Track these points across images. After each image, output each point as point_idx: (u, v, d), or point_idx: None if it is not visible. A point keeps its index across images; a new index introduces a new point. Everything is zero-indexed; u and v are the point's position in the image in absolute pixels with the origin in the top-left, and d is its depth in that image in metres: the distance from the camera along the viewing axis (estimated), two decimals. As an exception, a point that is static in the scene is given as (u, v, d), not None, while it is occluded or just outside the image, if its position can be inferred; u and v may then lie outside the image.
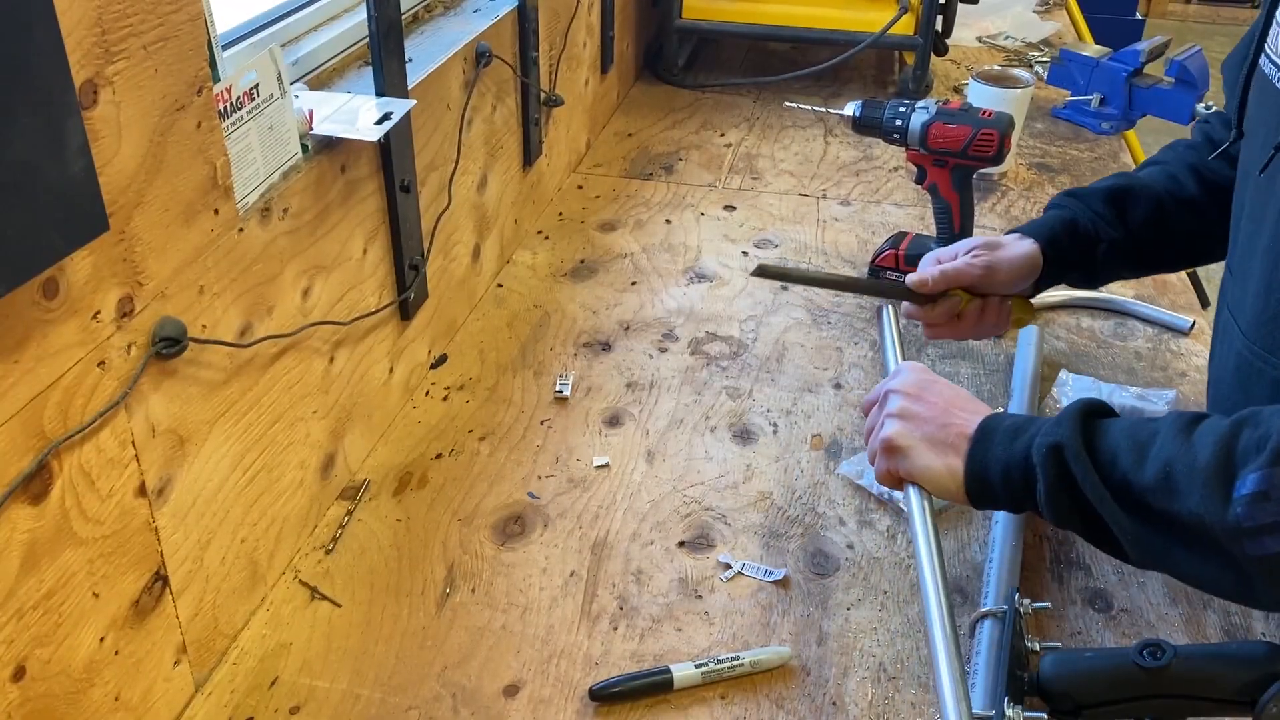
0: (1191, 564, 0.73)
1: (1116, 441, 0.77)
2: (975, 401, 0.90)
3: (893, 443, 0.89)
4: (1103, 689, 0.75)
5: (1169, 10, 6.49)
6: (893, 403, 0.91)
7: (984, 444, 0.85)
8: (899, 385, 0.92)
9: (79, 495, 0.74)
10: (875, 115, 1.43)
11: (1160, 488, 0.73)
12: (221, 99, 0.84)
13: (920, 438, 0.88)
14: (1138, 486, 0.74)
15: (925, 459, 0.88)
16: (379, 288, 1.17)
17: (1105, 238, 1.13)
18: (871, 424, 0.94)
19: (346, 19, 1.22)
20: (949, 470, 0.86)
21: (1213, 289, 1.11)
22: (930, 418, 0.88)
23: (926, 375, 0.93)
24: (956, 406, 0.89)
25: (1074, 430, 0.78)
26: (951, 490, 0.87)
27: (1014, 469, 0.82)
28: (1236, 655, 0.74)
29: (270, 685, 0.92)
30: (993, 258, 1.11)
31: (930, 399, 0.90)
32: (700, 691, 0.92)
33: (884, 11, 2.10)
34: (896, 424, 0.90)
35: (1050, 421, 0.81)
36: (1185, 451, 0.72)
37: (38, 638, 0.72)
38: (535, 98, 1.57)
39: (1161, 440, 0.74)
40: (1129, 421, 0.79)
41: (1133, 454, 0.75)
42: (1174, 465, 0.72)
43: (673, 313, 1.45)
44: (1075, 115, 2.05)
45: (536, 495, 1.13)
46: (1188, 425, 0.74)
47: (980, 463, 0.84)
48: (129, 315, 0.76)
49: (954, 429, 0.87)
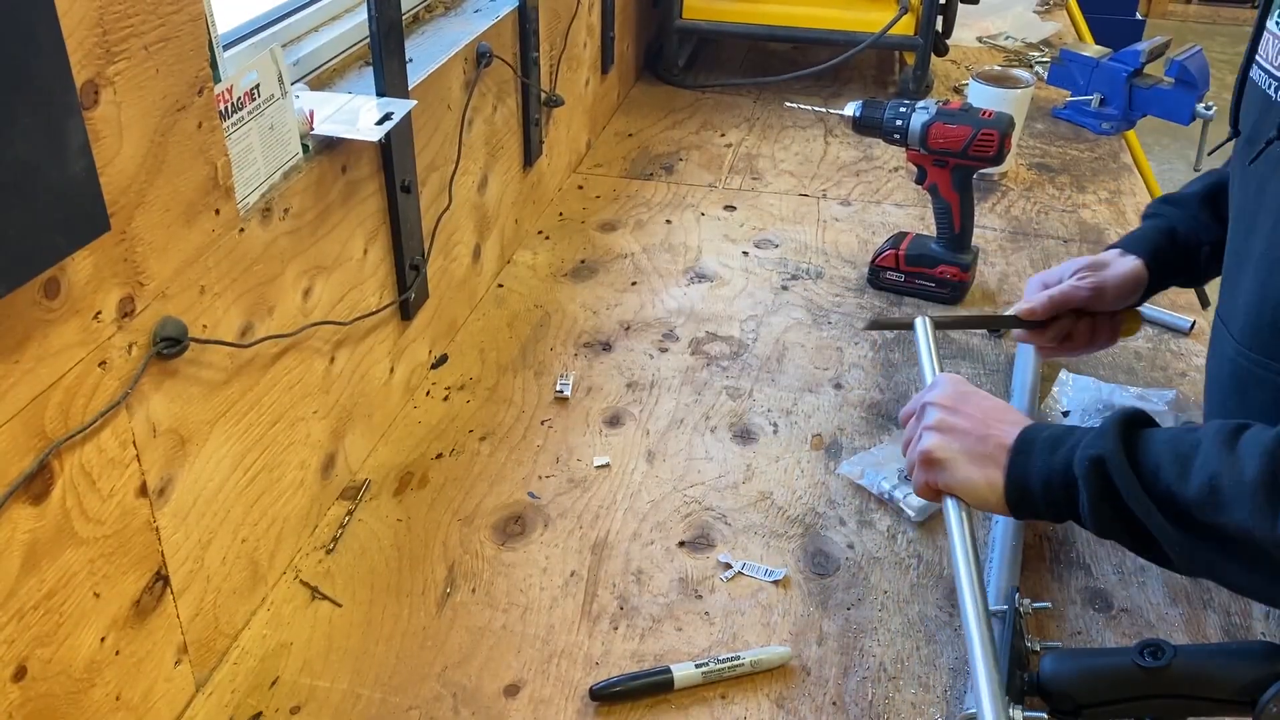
0: (1240, 574, 0.73)
1: (1159, 453, 0.76)
2: (1014, 412, 0.89)
3: (931, 455, 0.89)
4: (1103, 689, 0.76)
5: (1169, 10, 6.49)
6: (930, 415, 0.91)
7: (1024, 455, 0.84)
8: (936, 398, 0.92)
9: (80, 495, 0.74)
10: (875, 115, 1.44)
11: (1206, 501, 0.72)
12: (222, 99, 0.84)
13: (959, 450, 0.88)
14: (1182, 499, 0.74)
15: (965, 471, 0.87)
16: (380, 288, 1.17)
17: (1206, 240, 1.11)
18: (909, 436, 0.93)
19: (347, 19, 1.22)
20: (988, 482, 0.86)
21: (1214, 289, 1.11)
22: (969, 430, 0.88)
23: (964, 387, 0.93)
24: (995, 418, 0.88)
25: (1116, 442, 0.77)
26: (991, 502, 0.86)
27: (1055, 481, 0.81)
28: (1236, 655, 0.74)
29: (271, 685, 0.92)
30: (1100, 279, 1.10)
31: (968, 410, 0.89)
32: (701, 691, 0.92)
33: (884, 12, 2.10)
34: (935, 437, 0.89)
35: (1092, 433, 0.80)
36: (1231, 465, 0.72)
37: (39, 638, 0.72)
38: (536, 98, 1.57)
39: (1204, 452, 0.74)
40: (1170, 432, 0.79)
41: (1176, 466, 0.75)
42: (1220, 478, 0.72)
43: (673, 313, 1.45)
44: (1075, 115, 2.05)
45: (537, 495, 1.13)
46: (1230, 437, 0.74)
47: (1021, 474, 0.84)
48: (130, 315, 0.76)
49: (993, 440, 0.86)
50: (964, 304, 1.46)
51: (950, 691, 0.92)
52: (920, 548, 1.07)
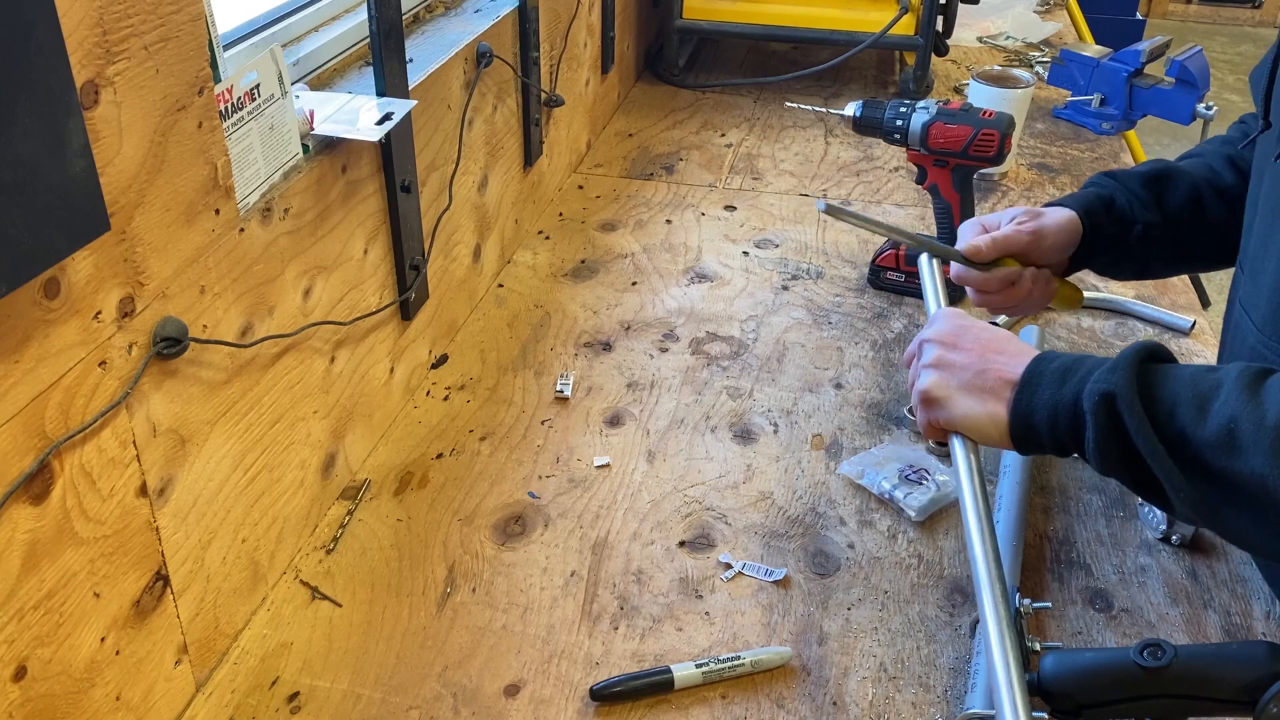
0: (1241, 523, 0.71)
1: (1177, 391, 0.74)
2: (1016, 342, 0.87)
3: (930, 394, 0.87)
4: (1103, 689, 0.75)
5: (1169, 10, 6.49)
6: (928, 353, 0.89)
7: (1031, 387, 0.81)
8: (933, 335, 0.90)
9: (80, 495, 0.74)
10: (876, 115, 1.44)
11: (1221, 444, 0.70)
12: (222, 99, 0.84)
13: (957, 386, 0.86)
14: (1196, 441, 0.71)
15: (964, 406, 0.85)
16: (380, 288, 1.17)
17: (1141, 220, 1.10)
18: (912, 378, 0.92)
19: (347, 19, 1.22)
20: (991, 417, 0.84)
21: (1214, 288, 1.12)
22: (967, 364, 0.86)
23: (963, 320, 0.91)
24: (994, 350, 0.86)
25: (1129, 378, 0.75)
26: (994, 437, 0.84)
27: (1062, 414, 0.79)
28: (1237, 655, 0.74)
29: (271, 685, 0.92)
30: (1039, 224, 1.09)
31: (966, 345, 0.87)
32: (701, 691, 0.92)
33: (884, 11, 2.10)
34: (933, 374, 0.88)
35: (1105, 365, 0.77)
36: (1254, 409, 0.69)
37: (39, 638, 0.72)
38: (536, 98, 1.57)
39: (1226, 394, 0.71)
40: (1190, 369, 0.76)
41: (1194, 406, 0.72)
42: (1239, 423, 0.69)
43: (673, 313, 1.45)
44: (1076, 115, 2.05)
45: (537, 495, 1.13)
46: (1255, 379, 0.71)
47: (1026, 407, 0.81)
48: (130, 315, 0.76)
49: (993, 373, 0.84)
50: (963, 305, 1.46)
51: (950, 691, 0.92)
52: (920, 548, 1.07)
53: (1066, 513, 1.11)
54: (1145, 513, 1.09)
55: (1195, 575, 1.03)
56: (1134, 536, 1.07)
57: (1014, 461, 1.13)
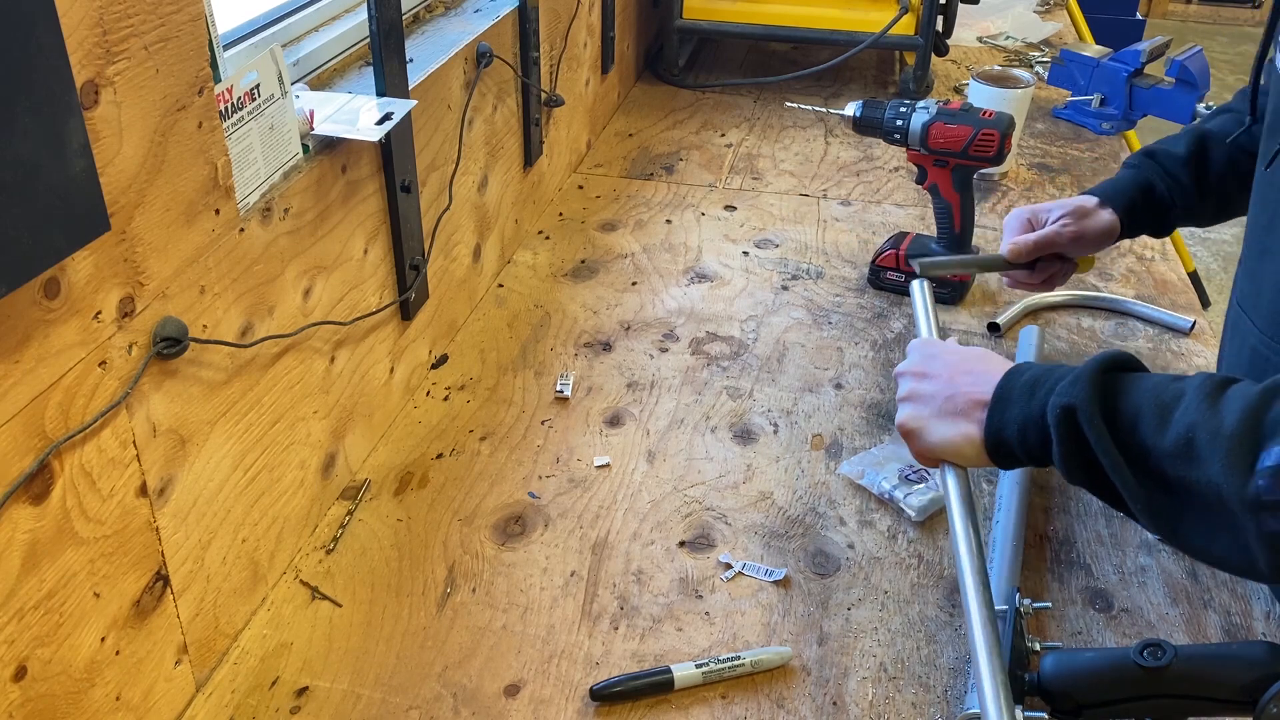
0: (1200, 535, 0.70)
1: (1139, 402, 0.74)
2: (986, 360, 0.87)
3: (906, 427, 0.88)
4: (1103, 689, 0.75)
5: (1169, 10, 6.49)
6: (902, 387, 0.90)
7: (1001, 405, 0.82)
8: (905, 367, 0.92)
9: (80, 495, 0.74)
10: (876, 115, 1.44)
11: (1180, 454, 0.69)
12: (223, 99, 0.84)
13: (929, 415, 0.87)
14: (1156, 451, 0.71)
15: (939, 433, 0.86)
16: (380, 288, 1.17)
17: (1180, 203, 1.17)
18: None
19: (347, 19, 1.22)
20: (966, 438, 0.84)
21: (1214, 288, 1.12)
22: (935, 392, 0.87)
23: (931, 348, 0.92)
24: (962, 372, 0.86)
25: (1090, 391, 0.75)
26: (972, 457, 0.85)
27: (1030, 428, 0.79)
28: (1237, 655, 0.74)
29: (271, 685, 0.92)
30: (1081, 228, 1.17)
31: (935, 373, 0.88)
32: (701, 691, 0.92)
33: (884, 11, 2.10)
34: (907, 407, 0.89)
35: (1069, 376, 0.78)
36: (1211, 417, 0.69)
37: (39, 638, 0.72)
38: (536, 98, 1.57)
39: (1186, 403, 0.71)
40: (1153, 379, 0.76)
41: (1155, 416, 0.72)
42: (1196, 431, 0.69)
43: (673, 313, 1.45)
44: (1076, 115, 2.05)
45: (537, 495, 1.13)
46: (1215, 389, 0.71)
47: (998, 424, 0.82)
48: (130, 315, 0.76)
49: (962, 397, 0.85)
50: (964, 304, 1.46)
51: (950, 691, 0.92)
52: (920, 548, 1.07)
53: (1066, 513, 1.11)
54: (1145, 513, 1.09)
55: (1195, 575, 1.03)
56: (1134, 536, 1.07)
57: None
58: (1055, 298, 1.45)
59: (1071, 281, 1.49)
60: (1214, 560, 0.72)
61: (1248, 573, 0.71)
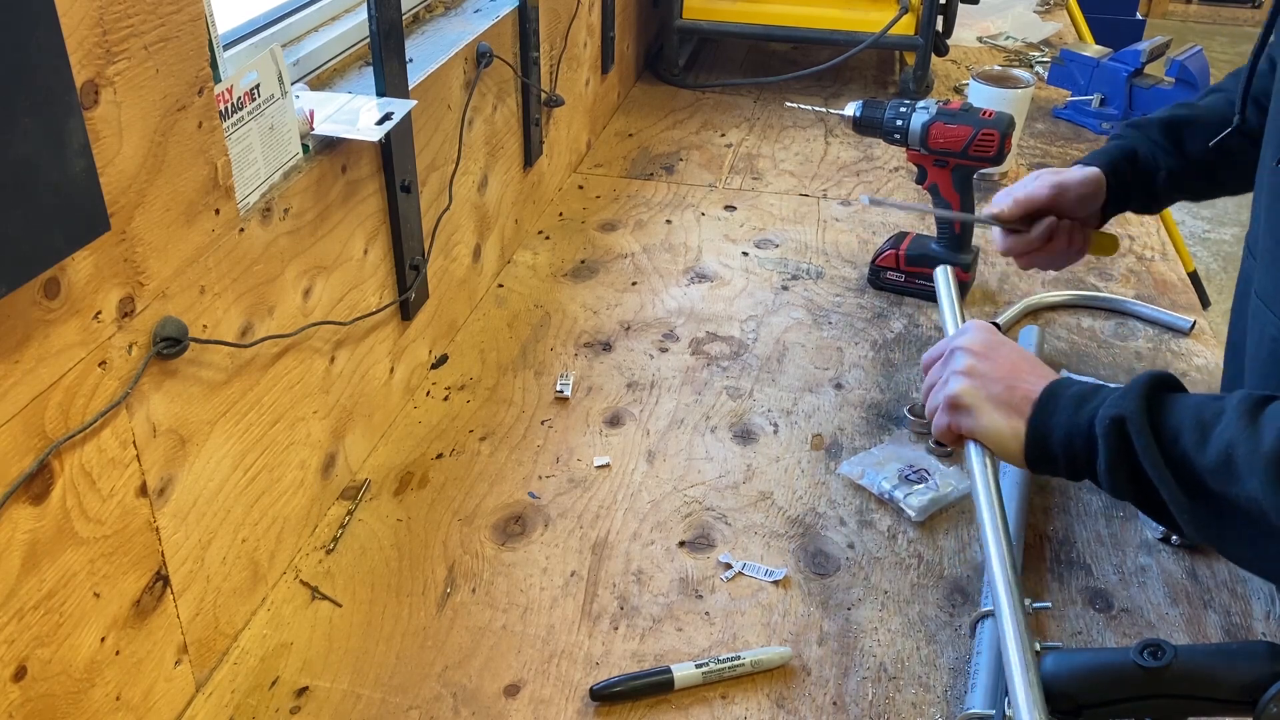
0: (1243, 546, 0.73)
1: (1181, 419, 0.76)
2: (1043, 366, 0.90)
3: (959, 400, 0.89)
4: (1103, 689, 0.75)
5: (1169, 10, 6.49)
6: (960, 360, 0.91)
7: (1048, 409, 0.84)
8: (967, 343, 0.92)
9: (80, 495, 0.74)
10: (876, 115, 1.43)
11: (1220, 470, 0.72)
12: (223, 99, 0.84)
13: (986, 397, 0.88)
14: (1197, 466, 0.74)
15: (990, 419, 0.87)
16: (380, 288, 1.17)
17: (1164, 166, 1.15)
18: (933, 380, 0.94)
19: (347, 19, 1.22)
20: (1013, 431, 0.86)
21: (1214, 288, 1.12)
22: (998, 378, 0.88)
23: (995, 335, 0.93)
24: (1024, 370, 0.88)
25: (1139, 403, 0.77)
26: (1012, 452, 0.87)
27: (1076, 438, 0.81)
28: (1237, 655, 0.74)
29: (271, 685, 0.92)
30: (1059, 179, 1.15)
31: (998, 359, 0.89)
32: (701, 691, 0.92)
33: (884, 11, 2.10)
34: (964, 381, 0.89)
35: (1117, 392, 0.80)
36: (1249, 435, 0.71)
37: (39, 638, 0.72)
38: (536, 98, 1.57)
39: (1226, 421, 0.73)
40: (1196, 398, 0.78)
41: (1196, 433, 0.74)
42: (1235, 448, 0.71)
43: (673, 313, 1.45)
44: (1076, 115, 2.05)
45: (537, 495, 1.13)
46: (1255, 407, 0.73)
47: (1043, 428, 0.84)
48: (130, 315, 0.76)
49: (1020, 391, 0.87)
50: (964, 304, 1.46)
51: (950, 691, 0.92)
52: (920, 548, 1.07)
53: (1066, 513, 1.11)
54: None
55: (1195, 575, 1.03)
56: (1134, 536, 1.07)
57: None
58: (1055, 297, 1.45)
59: (1072, 282, 1.49)
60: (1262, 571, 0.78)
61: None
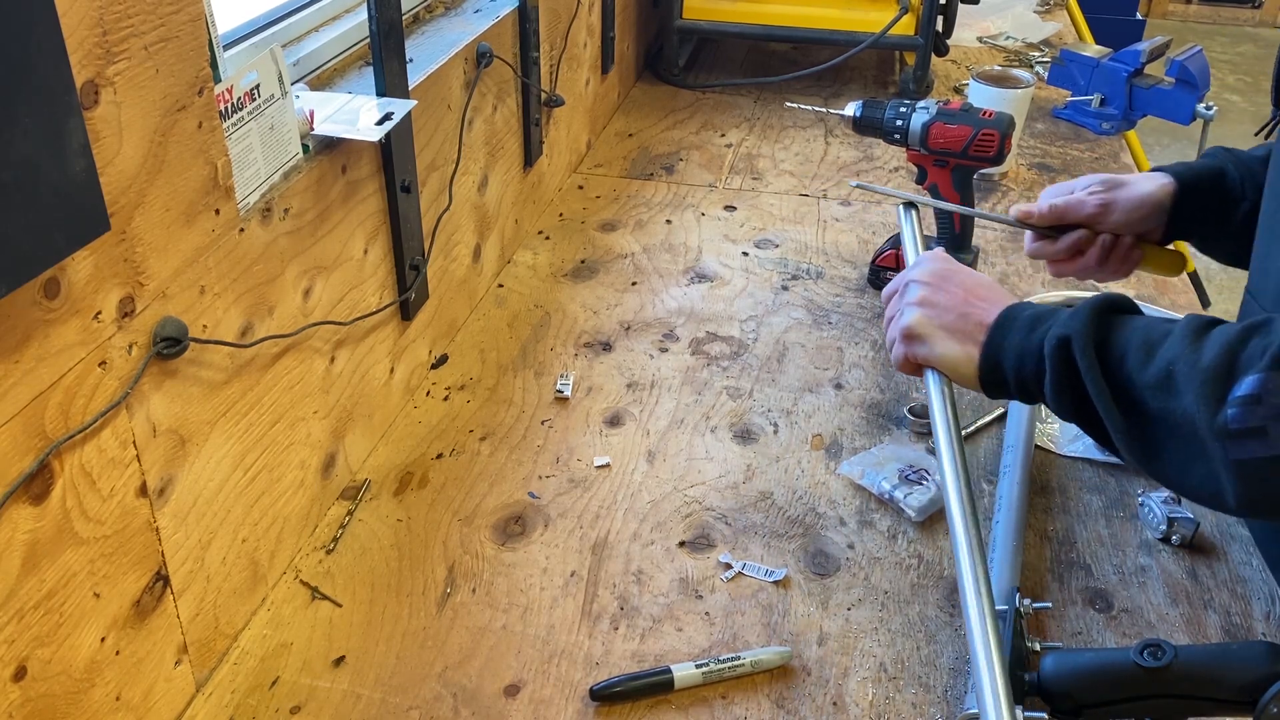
0: (1176, 466, 0.73)
1: (1129, 339, 0.77)
2: (997, 289, 0.90)
3: (912, 330, 0.90)
4: (1103, 689, 0.76)
5: (1169, 10, 6.49)
6: (913, 292, 0.92)
7: (1002, 332, 0.85)
8: (919, 275, 0.93)
9: (80, 495, 0.74)
10: (876, 115, 1.43)
11: (1160, 385, 0.73)
12: (223, 99, 0.84)
13: (939, 325, 0.89)
14: (1139, 384, 0.75)
15: (944, 346, 0.88)
16: (380, 288, 1.17)
17: (1250, 198, 1.03)
18: (891, 313, 0.95)
19: (347, 19, 1.22)
20: (967, 357, 0.87)
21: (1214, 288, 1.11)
22: (950, 306, 0.89)
23: (948, 264, 0.94)
24: (977, 296, 0.89)
25: (1086, 323, 0.78)
26: (967, 377, 0.88)
27: (1027, 360, 0.82)
28: (1237, 655, 0.74)
29: (271, 685, 0.92)
30: (1110, 197, 1.05)
31: (950, 288, 0.90)
32: (701, 691, 0.92)
33: (884, 11, 2.10)
34: (916, 311, 0.90)
35: (1068, 313, 0.81)
36: (1191, 352, 0.72)
37: (39, 638, 0.72)
38: (536, 98, 1.57)
39: (1171, 340, 0.75)
40: (1147, 320, 0.79)
41: (1141, 352, 0.76)
42: (1176, 364, 0.72)
43: (673, 313, 1.45)
44: (1076, 115, 2.05)
45: (537, 495, 1.13)
46: (1201, 328, 0.74)
47: (996, 351, 0.85)
48: (130, 315, 0.76)
49: (973, 317, 0.88)
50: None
51: (950, 691, 0.92)
52: (920, 548, 1.07)
53: (1066, 513, 1.11)
54: (1145, 513, 1.09)
55: (1195, 575, 1.03)
56: (1134, 536, 1.07)
57: (1014, 461, 1.13)
58: (1055, 297, 1.45)
59: (1072, 282, 1.49)
60: (1188, 491, 0.76)
61: (1218, 504, 0.74)
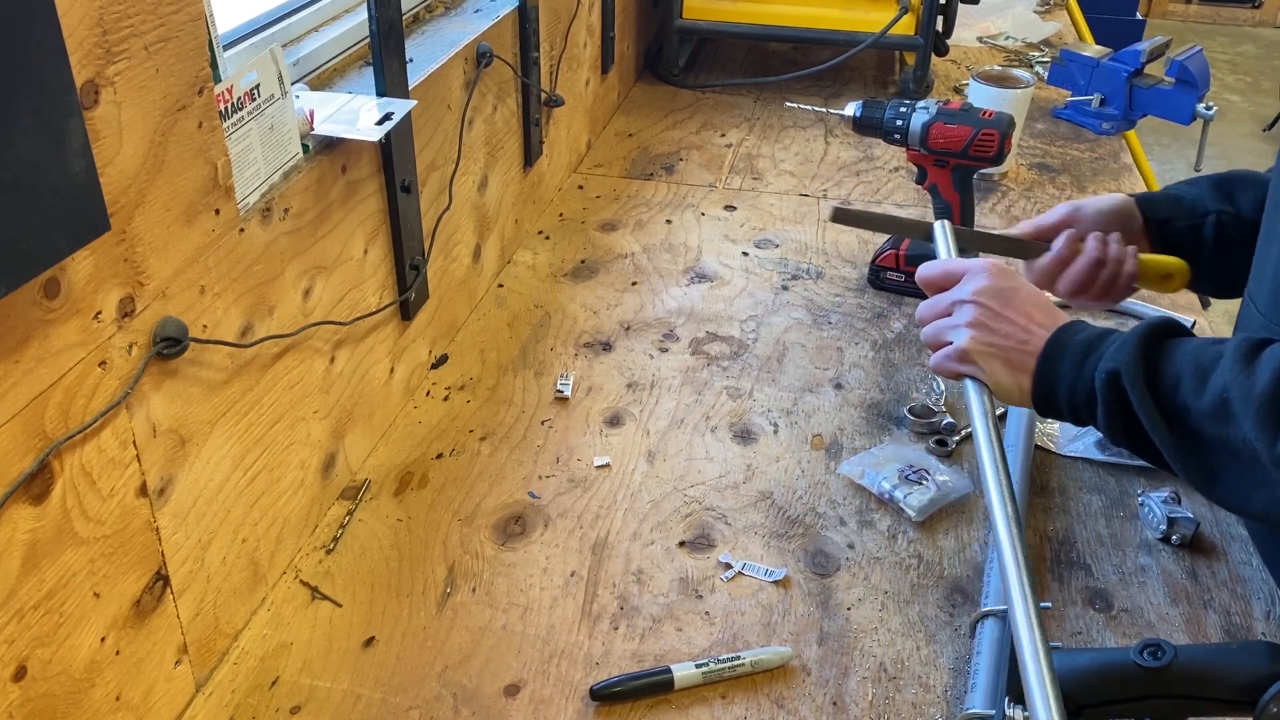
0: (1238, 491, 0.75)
1: (1181, 365, 0.79)
2: (1054, 311, 0.90)
3: (969, 355, 0.90)
4: (1103, 689, 0.76)
5: (1169, 10, 6.49)
6: (970, 312, 0.90)
7: (1050, 363, 0.86)
8: (980, 294, 0.90)
9: (80, 495, 0.74)
10: (876, 115, 1.44)
11: (1216, 413, 0.75)
12: (223, 99, 0.84)
13: (997, 353, 0.88)
14: (1195, 411, 0.76)
15: (998, 374, 0.89)
16: (380, 288, 1.17)
17: (1213, 209, 1.07)
18: (936, 313, 0.93)
19: (347, 19, 1.22)
20: (1019, 387, 0.88)
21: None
22: (1009, 334, 0.88)
23: (1009, 282, 0.91)
24: (1035, 322, 0.88)
25: (1135, 355, 0.80)
26: (1015, 400, 0.89)
27: (1079, 393, 0.84)
28: (1237, 655, 0.74)
29: (271, 685, 0.92)
30: (1075, 203, 1.09)
31: (1011, 314, 0.89)
32: (701, 691, 0.92)
33: (884, 11, 2.10)
34: (973, 335, 0.89)
35: (1116, 343, 0.82)
36: (1245, 378, 0.74)
37: (39, 638, 0.72)
38: (536, 98, 1.57)
39: (1223, 365, 0.76)
40: (1195, 343, 0.81)
41: (1194, 379, 0.77)
42: (1230, 391, 0.74)
43: (673, 313, 1.45)
44: (1076, 115, 2.05)
45: (537, 495, 1.13)
46: (1251, 350, 0.76)
47: (1048, 381, 0.86)
48: (130, 315, 0.76)
49: (1030, 347, 0.87)
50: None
51: (950, 691, 0.92)
52: (920, 548, 1.07)
53: (1066, 513, 1.11)
54: (1145, 513, 1.09)
55: (1195, 575, 1.03)
56: (1134, 536, 1.07)
57: (1014, 461, 1.13)
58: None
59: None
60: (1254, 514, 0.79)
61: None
